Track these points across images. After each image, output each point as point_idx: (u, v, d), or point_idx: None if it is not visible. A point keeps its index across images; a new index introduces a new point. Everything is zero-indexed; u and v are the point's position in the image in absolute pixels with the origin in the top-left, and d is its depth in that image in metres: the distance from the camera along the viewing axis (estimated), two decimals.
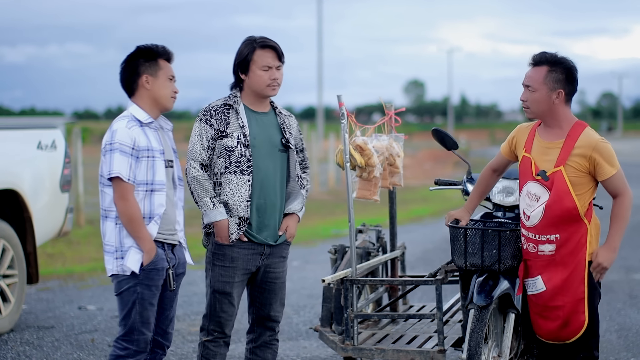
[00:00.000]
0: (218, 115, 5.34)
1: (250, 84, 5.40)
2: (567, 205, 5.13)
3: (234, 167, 5.30)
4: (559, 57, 5.20)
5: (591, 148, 5.12)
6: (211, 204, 5.28)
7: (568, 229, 5.15)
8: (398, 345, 6.16)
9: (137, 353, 4.99)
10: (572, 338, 5.25)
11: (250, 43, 5.40)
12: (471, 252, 5.48)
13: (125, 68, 5.09)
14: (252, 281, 5.52)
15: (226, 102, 5.40)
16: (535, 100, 5.20)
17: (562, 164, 5.15)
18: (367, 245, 6.99)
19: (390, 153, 6.60)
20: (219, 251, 5.37)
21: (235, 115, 5.36)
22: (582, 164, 5.12)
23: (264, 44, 5.39)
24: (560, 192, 5.14)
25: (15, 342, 7.81)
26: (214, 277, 5.39)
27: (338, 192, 25.80)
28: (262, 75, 5.37)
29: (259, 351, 5.57)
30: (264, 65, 5.36)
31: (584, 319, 5.19)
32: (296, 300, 9.90)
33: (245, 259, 5.37)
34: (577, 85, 5.25)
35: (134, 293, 4.96)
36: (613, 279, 11.11)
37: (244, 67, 5.39)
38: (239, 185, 5.30)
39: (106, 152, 4.92)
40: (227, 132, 5.30)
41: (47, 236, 8.92)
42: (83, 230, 15.83)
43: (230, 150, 5.29)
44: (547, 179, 5.17)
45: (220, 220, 5.28)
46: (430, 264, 11.78)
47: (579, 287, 5.17)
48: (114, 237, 4.97)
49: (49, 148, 8.75)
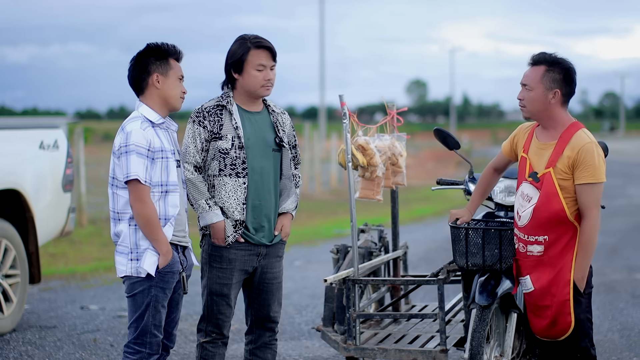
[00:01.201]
0: (211, 116, 5.29)
1: (243, 83, 5.34)
2: (554, 207, 5.11)
3: (229, 169, 5.26)
4: (557, 57, 5.20)
5: (578, 148, 5.09)
6: (207, 206, 5.24)
7: (556, 231, 5.14)
8: (400, 345, 6.16)
9: (150, 356, 4.95)
10: (561, 337, 5.25)
11: (245, 42, 5.33)
12: (473, 251, 5.48)
13: (134, 66, 5.01)
14: (249, 283, 5.49)
15: (219, 102, 5.35)
16: (531, 99, 5.19)
17: (551, 166, 5.13)
18: (369, 245, 6.99)
19: (392, 153, 6.60)
20: (216, 253, 5.34)
21: (229, 116, 5.31)
22: (569, 165, 5.10)
23: (259, 44, 5.32)
24: (548, 194, 5.12)
25: (17, 342, 7.81)
26: (210, 278, 5.36)
27: (340, 191, 25.79)
28: (257, 75, 5.31)
29: (259, 352, 5.56)
30: (259, 65, 5.32)
31: (570, 320, 5.18)
32: (298, 300, 9.90)
33: (242, 260, 5.35)
34: (574, 87, 5.22)
35: (148, 295, 4.91)
36: (615, 279, 11.11)
37: (237, 67, 5.32)
38: (234, 188, 5.27)
39: (121, 155, 4.84)
40: (221, 134, 5.26)
41: (49, 236, 8.92)
42: (85, 230, 15.84)
43: (225, 152, 5.25)
44: (538, 180, 5.16)
45: (217, 222, 5.25)
46: (433, 264, 11.77)
47: (564, 288, 5.15)
48: (128, 238, 4.90)
49: (51, 148, 8.76)
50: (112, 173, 4.91)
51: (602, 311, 9.11)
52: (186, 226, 5.11)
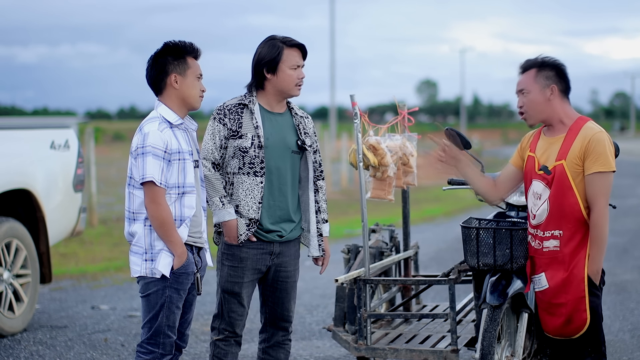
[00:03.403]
0: (232, 114, 5.31)
1: (277, 83, 5.34)
2: (569, 200, 5.10)
3: (247, 168, 5.28)
4: (544, 58, 5.23)
5: (588, 138, 5.08)
6: (220, 203, 5.25)
7: (571, 227, 5.13)
8: (411, 344, 6.16)
9: (163, 356, 4.94)
10: (576, 334, 5.24)
11: (276, 42, 5.35)
12: (484, 251, 5.47)
13: (152, 65, 4.97)
14: (263, 281, 5.51)
15: (241, 101, 5.36)
16: (531, 102, 5.19)
17: (563, 158, 5.12)
18: (380, 245, 6.99)
19: (403, 152, 6.59)
20: (228, 251, 5.35)
21: (250, 115, 5.32)
22: (580, 156, 5.09)
23: (291, 42, 5.36)
24: (562, 185, 5.11)
25: (28, 342, 7.83)
26: (222, 277, 5.37)
27: (351, 191, 25.79)
28: (292, 74, 5.33)
29: (272, 351, 5.56)
30: (293, 64, 5.34)
31: (585, 317, 5.17)
32: (309, 300, 9.90)
33: (254, 258, 5.36)
34: (569, 81, 5.22)
35: (163, 296, 4.90)
36: (626, 279, 11.08)
37: (271, 67, 5.31)
38: (251, 186, 5.29)
39: (138, 156, 4.83)
40: (241, 132, 5.28)
41: (60, 236, 8.95)
42: (96, 230, 15.87)
43: (244, 151, 5.27)
44: (550, 172, 5.14)
45: (229, 220, 5.26)
46: (444, 264, 11.77)
47: (579, 285, 5.14)
48: (143, 238, 4.88)
49: (61, 148, 8.77)
50: (130, 173, 4.91)
51: (613, 311, 9.09)
52: (202, 226, 5.09)
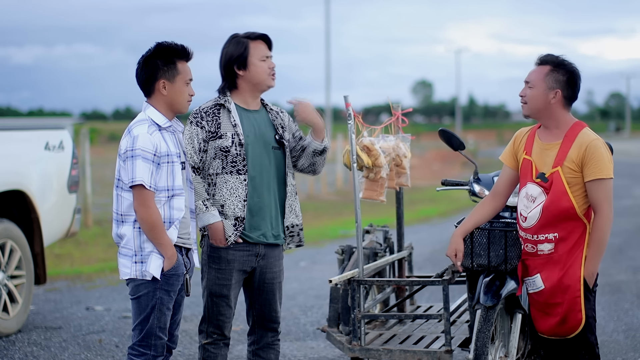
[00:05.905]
0: (209, 116, 5.30)
1: (251, 77, 5.36)
2: (564, 205, 5.12)
3: (230, 167, 5.27)
4: (564, 60, 5.21)
5: (585, 145, 5.11)
6: (204, 207, 5.23)
7: (566, 228, 5.15)
8: (405, 345, 6.16)
9: (155, 358, 4.94)
10: (571, 334, 5.25)
11: (240, 38, 5.38)
12: (478, 252, 5.49)
13: (142, 68, 4.95)
14: (249, 284, 5.49)
15: (217, 102, 5.36)
16: (532, 96, 5.21)
17: (559, 165, 5.14)
18: (374, 245, 6.99)
19: (397, 154, 6.60)
20: (214, 254, 5.34)
21: (227, 115, 5.32)
22: (577, 162, 5.11)
23: (255, 35, 5.39)
24: (557, 192, 5.13)
25: (22, 343, 7.82)
26: (210, 280, 5.36)
27: (345, 192, 25.80)
28: (263, 65, 5.35)
29: (262, 352, 5.54)
30: (262, 55, 5.37)
31: (580, 317, 5.18)
32: (303, 301, 9.90)
33: (240, 260, 5.34)
34: (577, 91, 5.23)
35: (153, 298, 4.89)
36: (621, 280, 11.11)
37: (242, 62, 5.33)
38: (235, 185, 5.28)
39: (127, 159, 4.82)
40: (220, 132, 5.27)
41: (54, 237, 8.94)
42: (91, 231, 15.86)
43: (226, 150, 5.26)
44: (547, 180, 5.17)
45: (214, 222, 5.24)
46: (438, 265, 11.79)
47: (575, 285, 5.16)
48: (132, 240, 4.89)
49: (56, 149, 8.77)
50: (118, 175, 4.91)
51: (607, 312, 9.10)
52: (190, 228, 5.09)
